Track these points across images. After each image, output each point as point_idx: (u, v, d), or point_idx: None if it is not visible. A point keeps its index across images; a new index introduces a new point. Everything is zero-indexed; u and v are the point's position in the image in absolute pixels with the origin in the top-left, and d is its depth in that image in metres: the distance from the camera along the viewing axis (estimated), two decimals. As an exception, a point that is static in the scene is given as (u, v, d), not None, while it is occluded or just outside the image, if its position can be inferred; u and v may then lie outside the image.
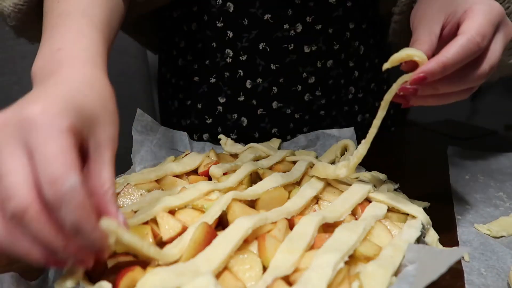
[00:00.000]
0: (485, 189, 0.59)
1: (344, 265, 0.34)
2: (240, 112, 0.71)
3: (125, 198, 0.46)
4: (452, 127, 0.93)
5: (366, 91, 0.77)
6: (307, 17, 0.66)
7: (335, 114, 0.74)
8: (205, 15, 0.67)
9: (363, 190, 0.46)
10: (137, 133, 0.60)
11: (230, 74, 0.69)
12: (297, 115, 0.72)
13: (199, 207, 0.42)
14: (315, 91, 0.71)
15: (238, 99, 0.70)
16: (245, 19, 0.66)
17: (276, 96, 0.70)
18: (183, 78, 0.74)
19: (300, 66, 0.68)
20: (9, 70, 0.69)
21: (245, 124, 0.71)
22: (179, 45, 0.72)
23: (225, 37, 0.68)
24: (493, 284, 0.39)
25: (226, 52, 0.68)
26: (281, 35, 0.66)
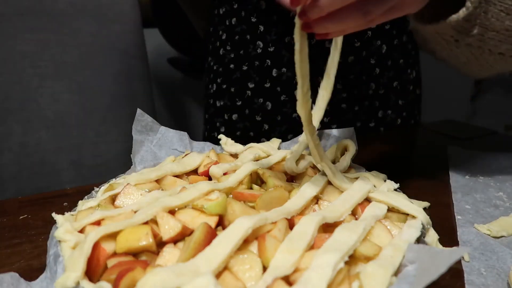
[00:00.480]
0: (485, 189, 0.59)
1: (344, 265, 0.34)
2: (266, 97, 0.81)
3: (125, 198, 0.46)
4: (452, 127, 0.93)
5: (388, 88, 0.82)
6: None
7: (357, 109, 0.79)
8: (243, 11, 0.79)
9: (363, 190, 0.46)
10: (137, 133, 0.60)
11: (259, 63, 0.79)
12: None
13: (199, 207, 0.42)
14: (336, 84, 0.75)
15: (265, 85, 0.80)
16: (274, 15, 0.76)
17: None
18: (222, 65, 0.85)
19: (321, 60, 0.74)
20: (9, 70, 0.69)
21: (269, 108, 0.81)
22: (222, 37, 0.85)
23: (257, 31, 0.78)
24: (493, 284, 0.39)
25: (257, 43, 0.79)
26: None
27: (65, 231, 0.39)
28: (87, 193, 0.51)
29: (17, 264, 0.43)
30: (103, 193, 0.48)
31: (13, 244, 0.47)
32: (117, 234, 0.37)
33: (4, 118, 0.70)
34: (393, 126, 0.83)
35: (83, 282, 0.33)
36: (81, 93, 0.76)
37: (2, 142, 0.71)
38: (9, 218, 0.53)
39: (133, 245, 0.36)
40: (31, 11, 0.70)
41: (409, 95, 0.87)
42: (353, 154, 0.57)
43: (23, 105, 0.71)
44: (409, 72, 0.86)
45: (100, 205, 0.45)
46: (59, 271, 0.36)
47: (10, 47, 0.69)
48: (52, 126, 0.74)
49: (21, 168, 0.72)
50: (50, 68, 0.72)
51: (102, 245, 0.36)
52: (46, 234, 0.42)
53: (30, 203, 0.57)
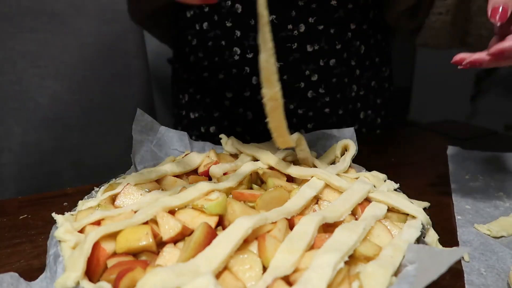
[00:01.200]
0: (485, 189, 0.59)
1: (344, 265, 0.34)
2: (246, 107, 0.75)
3: (125, 198, 0.46)
4: (452, 127, 0.93)
5: (367, 88, 0.80)
6: (310, 18, 0.69)
7: (341, 113, 0.76)
8: (216, 15, 0.72)
9: (363, 190, 0.46)
10: (137, 133, 0.60)
11: (237, 71, 0.74)
12: (300, 111, 0.75)
13: (199, 207, 0.42)
14: (318, 88, 0.74)
15: (244, 94, 0.74)
16: (252, 20, 0.70)
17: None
18: (194, 73, 0.78)
19: (303, 64, 0.72)
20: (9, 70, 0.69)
21: (250, 118, 0.75)
22: (191, 43, 0.77)
23: (233, 36, 0.72)
24: (493, 284, 0.39)
25: (234, 50, 0.72)
26: (285, 35, 0.70)
27: (65, 231, 0.39)
28: (87, 193, 0.51)
29: (17, 264, 0.43)
30: (103, 193, 0.48)
31: (13, 244, 0.47)
32: (117, 234, 0.37)
33: (4, 118, 0.70)
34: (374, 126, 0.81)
35: (83, 282, 0.33)
36: (81, 93, 0.76)
37: (2, 142, 0.71)
38: (9, 218, 0.53)
39: (133, 245, 0.36)
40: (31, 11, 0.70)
41: (385, 92, 0.85)
42: (353, 154, 0.57)
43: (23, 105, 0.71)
44: (384, 70, 0.84)
45: (100, 205, 0.45)
46: (59, 271, 0.36)
47: (10, 47, 0.69)
48: (52, 126, 0.74)
49: (21, 168, 0.73)
50: (50, 68, 0.72)
51: (102, 245, 0.36)
52: (46, 234, 0.42)
53: (30, 203, 0.57)
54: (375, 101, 0.82)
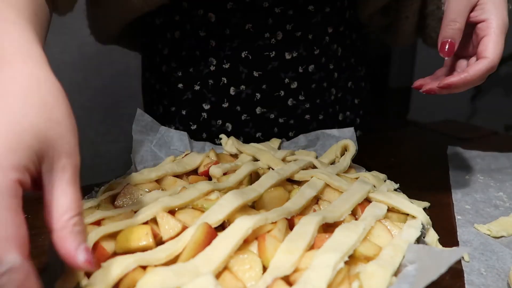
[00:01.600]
0: (485, 189, 0.59)
1: (344, 265, 0.34)
2: (225, 118, 0.72)
3: (125, 198, 0.46)
4: (452, 127, 0.93)
5: (345, 90, 0.79)
6: (287, 25, 0.68)
7: (322, 118, 0.75)
8: (188, 24, 0.69)
9: (363, 190, 0.46)
10: (137, 133, 0.60)
11: (214, 82, 0.70)
12: (281, 120, 0.73)
13: (199, 207, 0.42)
14: (298, 95, 0.72)
15: (222, 105, 0.71)
16: (227, 29, 0.67)
17: (259, 102, 0.71)
18: (167, 84, 0.74)
19: (282, 72, 0.70)
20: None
21: (229, 129, 0.72)
22: (163, 52, 0.73)
23: (208, 46, 0.69)
24: (493, 284, 0.39)
25: (209, 60, 0.69)
26: (262, 43, 0.68)
27: None
28: (87, 193, 0.51)
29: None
30: (103, 193, 0.48)
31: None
32: (117, 234, 0.37)
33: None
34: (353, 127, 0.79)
35: (83, 282, 0.33)
36: (81, 93, 0.76)
37: (2, 142, 0.71)
38: (9, 218, 0.53)
39: (133, 245, 0.36)
40: (31, 11, 0.70)
41: (362, 92, 0.84)
42: (353, 154, 0.58)
43: (23, 105, 0.71)
44: (359, 69, 0.82)
45: (100, 205, 0.45)
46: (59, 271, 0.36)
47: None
48: (52, 126, 0.74)
49: (21, 168, 0.73)
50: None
51: (102, 245, 0.36)
52: (46, 234, 0.42)
53: (30, 203, 0.57)
54: (352, 101, 0.80)
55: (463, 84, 0.46)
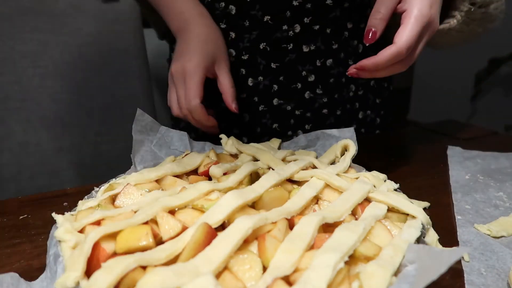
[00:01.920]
0: (485, 189, 0.59)
1: (344, 265, 0.34)
2: (242, 109, 0.74)
3: (125, 198, 0.46)
4: (452, 127, 0.93)
5: (366, 88, 0.79)
6: (305, 18, 0.69)
7: (339, 113, 0.76)
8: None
9: (363, 190, 0.46)
10: (137, 133, 0.60)
11: (233, 73, 0.72)
12: (297, 112, 0.75)
13: (199, 207, 0.42)
14: (315, 89, 0.73)
15: (241, 96, 0.74)
16: (246, 21, 0.70)
17: (276, 93, 0.74)
18: None
19: (299, 65, 0.71)
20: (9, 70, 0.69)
21: (247, 120, 0.75)
22: None
23: (228, 38, 0.72)
24: (493, 284, 0.39)
25: (229, 51, 0.71)
26: (280, 36, 0.70)
27: (65, 231, 0.39)
28: (87, 193, 0.51)
29: (17, 264, 0.43)
30: (103, 193, 0.48)
31: (13, 244, 0.47)
32: (117, 234, 0.37)
33: (4, 118, 0.70)
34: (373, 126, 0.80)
35: (83, 282, 0.33)
36: (81, 93, 0.76)
37: (2, 142, 0.71)
38: (9, 218, 0.53)
39: (133, 245, 0.36)
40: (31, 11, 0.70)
41: (384, 92, 0.85)
42: (353, 154, 0.57)
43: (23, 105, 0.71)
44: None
45: (100, 205, 0.45)
46: (59, 271, 0.36)
47: (10, 47, 0.69)
48: (52, 126, 0.74)
49: (21, 168, 0.73)
50: (50, 68, 0.72)
51: (102, 245, 0.36)
52: (46, 234, 0.42)
53: (30, 203, 0.57)
54: (374, 101, 0.81)
55: (373, 66, 0.50)
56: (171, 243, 0.37)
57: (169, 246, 0.36)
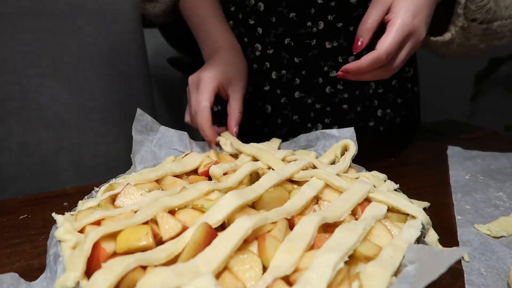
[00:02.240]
0: (485, 189, 0.59)
1: (344, 265, 0.34)
2: (265, 100, 0.79)
3: (125, 198, 0.46)
4: (452, 127, 0.93)
5: (387, 87, 0.81)
6: (329, 16, 0.72)
7: (359, 109, 0.78)
8: (240, 13, 0.78)
9: (363, 190, 0.46)
10: (137, 133, 0.60)
11: (258, 66, 0.78)
12: (318, 105, 0.78)
13: (199, 207, 0.42)
14: (336, 84, 0.77)
15: (264, 88, 0.79)
16: (273, 17, 0.74)
17: (298, 86, 0.78)
18: None
19: (321, 60, 0.75)
20: (9, 70, 0.69)
21: (269, 111, 0.79)
22: None
23: (255, 33, 0.77)
24: (493, 284, 0.39)
25: (255, 46, 0.78)
26: (304, 32, 0.74)
27: (65, 231, 0.39)
28: (87, 193, 0.51)
29: (17, 264, 0.43)
30: (103, 193, 0.49)
31: (13, 244, 0.47)
32: (117, 234, 0.37)
33: (4, 118, 0.70)
34: (392, 125, 0.82)
35: (83, 282, 0.33)
36: (81, 93, 0.76)
37: (2, 142, 0.71)
38: (9, 218, 0.53)
39: (133, 245, 0.36)
40: (31, 11, 0.70)
41: (407, 93, 0.86)
42: (353, 154, 0.57)
43: (23, 105, 0.71)
44: (406, 70, 0.86)
45: (100, 205, 0.45)
46: (59, 271, 0.36)
47: (10, 47, 0.69)
48: (52, 126, 0.74)
49: (21, 168, 0.72)
50: (50, 68, 0.72)
51: (102, 245, 0.36)
52: (46, 234, 0.42)
53: (30, 203, 0.57)
54: (395, 100, 0.83)
55: (356, 69, 0.52)
56: (171, 243, 0.37)
57: (169, 246, 0.36)
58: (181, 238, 0.37)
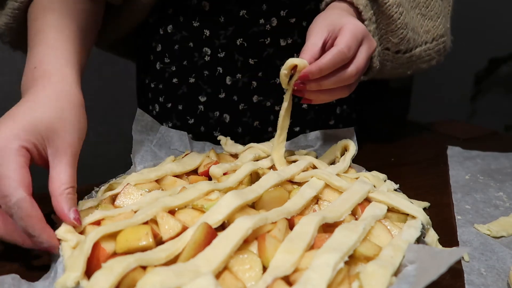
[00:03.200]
0: (485, 189, 0.59)
1: (344, 265, 0.34)
2: (222, 109, 0.72)
3: (125, 198, 0.46)
4: (452, 127, 0.93)
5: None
6: (281, 11, 0.68)
7: (317, 108, 0.75)
8: (181, 16, 0.68)
9: (363, 190, 0.46)
10: (137, 133, 0.60)
11: (209, 72, 0.70)
12: (277, 108, 0.72)
13: (199, 207, 0.42)
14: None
15: (219, 96, 0.71)
16: (221, 16, 0.67)
17: (256, 90, 0.71)
18: (162, 81, 0.74)
19: (277, 60, 0.70)
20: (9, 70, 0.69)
21: (227, 120, 0.72)
22: (156, 49, 0.73)
23: (202, 36, 0.68)
24: (493, 284, 0.39)
25: (204, 50, 0.69)
26: (257, 30, 0.67)
27: (66, 231, 0.39)
28: (87, 193, 0.51)
29: (17, 264, 0.43)
30: (103, 193, 0.49)
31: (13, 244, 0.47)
32: (117, 234, 0.37)
33: (4, 118, 0.70)
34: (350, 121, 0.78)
35: (83, 282, 0.33)
36: (81, 93, 0.76)
37: (2, 142, 0.71)
38: (9, 218, 0.53)
39: (133, 245, 0.36)
40: (31, 11, 0.70)
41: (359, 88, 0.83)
42: (353, 154, 0.58)
43: (23, 105, 0.71)
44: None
45: (100, 205, 0.45)
46: (59, 271, 0.36)
47: (10, 47, 0.69)
48: (52, 126, 0.73)
49: (21, 168, 0.72)
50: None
51: (102, 245, 0.36)
52: (46, 234, 0.42)
53: (30, 203, 0.57)
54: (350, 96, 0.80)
55: (318, 70, 0.49)
56: (171, 243, 0.37)
57: (169, 246, 0.36)
58: (181, 238, 0.37)
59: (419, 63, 0.69)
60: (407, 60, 0.67)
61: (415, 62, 0.69)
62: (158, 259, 0.34)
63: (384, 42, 0.64)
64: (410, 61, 0.68)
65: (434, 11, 0.69)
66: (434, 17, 0.69)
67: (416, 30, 0.66)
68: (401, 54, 0.66)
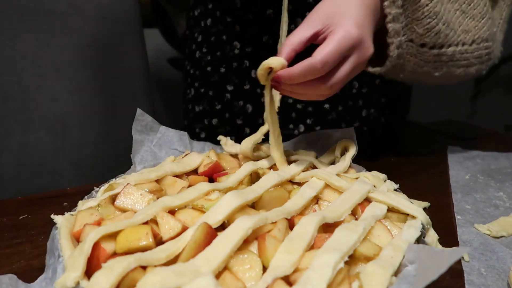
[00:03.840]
0: (485, 189, 0.59)
1: (344, 265, 0.34)
2: (246, 99, 0.77)
3: (125, 198, 0.46)
4: (452, 127, 0.93)
5: (371, 86, 0.79)
6: (306, 12, 0.68)
7: (341, 109, 0.76)
8: (218, 11, 0.76)
9: (363, 190, 0.46)
10: (137, 133, 0.60)
11: (237, 64, 0.75)
12: (299, 106, 0.75)
13: (199, 207, 0.42)
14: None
15: (244, 87, 0.76)
16: (249, 14, 0.72)
17: None
18: (198, 68, 0.82)
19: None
20: (9, 70, 0.69)
21: (249, 110, 0.76)
22: (197, 40, 0.82)
23: (233, 31, 0.75)
24: (493, 284, 0.39)
25: (234, 44, 0.75)
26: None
27: None
28: (87, 193, 0.51)
29: (17, 264, 0.43)
30: (103, 193, 0.48)
31: (13, 244, 0.47)
32: (117, 234, 0.37)
33: (4, 118, 0.70)
34: (377, 125, 0.79)
35: (83, 282, 0.33)
36: (81, 93, 0.76)
37: (2, 142, 0.71)
38: (9, 218, 0.53)
39: (133, 245, 0.36)
40: (31, 11, 0.70)
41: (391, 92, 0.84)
42: (353, 154, 0.58)
43: (23, 105, 0.71)
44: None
45: (100, 205, 0.45)
46: (59, 271, 0.36)
47: (10, 47, 0.69)
48: (52, 126, 0.74)
49: (21, 168, 0.72)
50: (50, 68, 0.72)
51: (102, 245, 0.36)
52: (46, 234, 0.42)
53: (30, 203, 0.57)
54: (379, 99, 0.81)
55: (288, 77, 0.47)
56: (171, 243, 0.37)
57: (169, 246, 0.36)
58: (181, 238, 0.37)
59: (451, 65, 0.63)
60: (434, 58, 0.61)
61: (446, 63, 0.62)
62: (158, 259, 0.34)
63: (409, 32, 0.58)
64: (438, 60, 0.61)
65: (477, 10, 0.62)
66: (478, 16, 0.62)
67: (451, 26, 0.60)
68: (427, 49, 0.60)
